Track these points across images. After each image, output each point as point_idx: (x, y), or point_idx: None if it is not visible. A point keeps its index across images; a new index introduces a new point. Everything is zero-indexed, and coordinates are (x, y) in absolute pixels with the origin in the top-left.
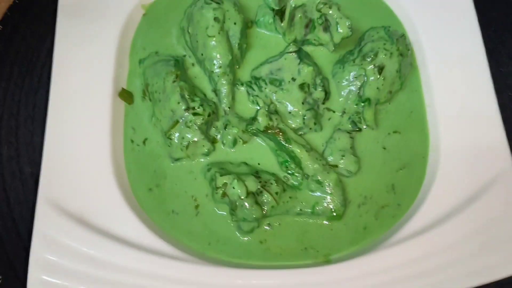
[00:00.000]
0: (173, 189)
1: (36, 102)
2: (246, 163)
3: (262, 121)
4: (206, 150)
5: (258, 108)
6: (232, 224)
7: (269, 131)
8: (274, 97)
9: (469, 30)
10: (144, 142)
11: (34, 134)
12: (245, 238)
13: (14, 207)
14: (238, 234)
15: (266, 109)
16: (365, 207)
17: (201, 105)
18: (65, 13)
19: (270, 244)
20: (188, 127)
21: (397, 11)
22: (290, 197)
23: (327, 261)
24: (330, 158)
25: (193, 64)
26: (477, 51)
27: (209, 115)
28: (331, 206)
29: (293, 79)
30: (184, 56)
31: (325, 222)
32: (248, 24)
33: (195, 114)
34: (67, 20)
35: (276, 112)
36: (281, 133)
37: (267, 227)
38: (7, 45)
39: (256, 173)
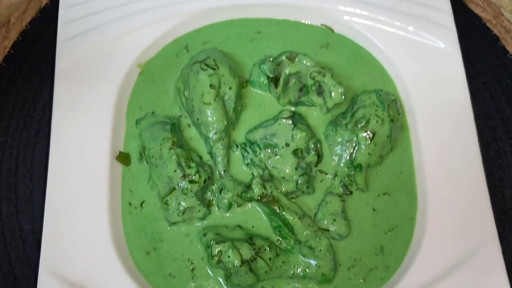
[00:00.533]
0: (170, 252)
1: (34, 157)
2: (240, 226)
3: (256, 191)
4: (202, 215)
5: (253, 175)
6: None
7: (263, 200)
8: (269, 162)
9: (459, 90)
10: (141, 205)
11: (33, 191)
12: None
13: (15, 265)
14: None
15: (260, 176)
16: (354, 270)
17: (197, 171)
18: (63, 76)
19: None
20: (185, 194)
21: (390, 70)
22: (283, 262)
23: None
24: (322, 222)
25: (189, 125)
26: (466, 114)
27: (204, 181)
28: (321, 271)
29: (287, 145)
30: (180, 116)
31: (315, 286)
32: (243, 84)
33: (191, 182)
34: (65, 83)
35: (270, 177)
36: (274, 201)
37: None
38: (3, 99)
39: (250, 239)
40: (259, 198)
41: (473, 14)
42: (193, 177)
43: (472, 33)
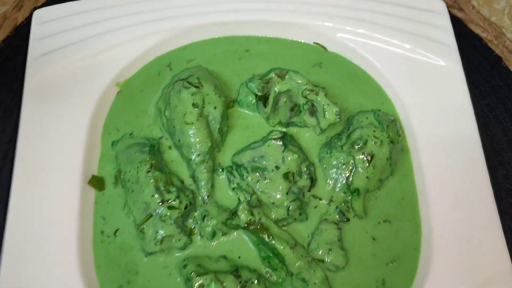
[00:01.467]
0: (146, 286)
1: (0, 181)
2: (225, 257)
3: (243, 217)
4: (182, 244)
5: (239, 200)
6: None
7: (251, 228)
8: (257, 187)
9: (462, 110)
10: (115, 233)
11: None
12: None
13: None
14: None
15: (247, 202)
16: None
17: (178, 197)
18: (32, 93)
19: None
20: (163, 221)
21: (387, 90)
22: None
23: None
24: (316, 252)
25: (170, 147)
26: (472, 135)
27: (185, 207)
28: None
29: (277, 168)
30: (161, 138)
31: None
32: (230, 104)
33: (170, 207)
34: (34, 101)
35: (258, 203)
36: (263, 229)
37: None
38: None
39: (236, 271)
40: (246, 225)
41: (473, 35)
42: (173, 202)
43: (474, 53)
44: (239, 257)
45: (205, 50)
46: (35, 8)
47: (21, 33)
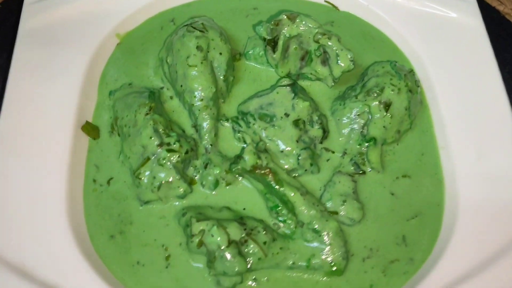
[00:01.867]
0: (140, 237)
1: None
2: (229, 208)
3: (248, 159)
4: (182, 192)
5: (245, 143)
6: (209, 279)
7: (256, 172)
8: (264, 134)
9: (484, 62)
10: (108, 182)
11: None
12: None
13: None
14: None
15: (254, 147)
16: (370, 262)
17: (178, 140)
18: (26, 38)
19: None
20: (161, 165)
21: (403, 47)
22: (280, 248)
23: None
24: (329, 204)
25: (171, 97)
26: (494, 82)
27: (186, 152)
28: (330, 260)
29: (286, 115)
30: (162, 88)
31: (322, 278)
32: (236, 56)
33: (169, 150)
34: (27, 44)
35: (266, 150)
36: (271, 174)
37: (252, 283)
38: None
39: (241, 219)
40: (251, 169)
41: (490, 7)
42: (173, 145)
43: (491, 25)
44: (244, 208)
45: (211, 7)
46: None
47: None
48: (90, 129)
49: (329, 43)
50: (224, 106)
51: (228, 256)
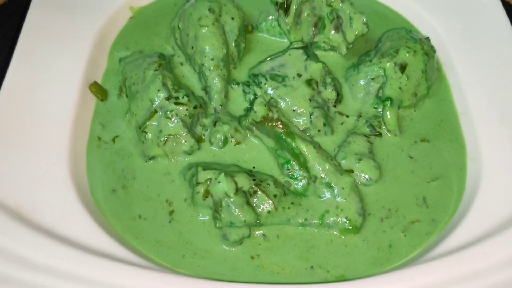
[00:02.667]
0: (143, 191)
1: None
2: (237, 166)
3: (258, 110)
4: (189, 148)
5: (255, 96)
6: (215, 233)
7: (267, 124)
8: (275, 94)
9: (499, 29)
10: (113, 140)
11: None
12: (232, 249)
13: None
14: (223, 245)
15: (265, 99)
16: (389, 222)
17: (187, 95)
18: (40, 1)
19: (264, 260)
20: (168, 118)
21: (417, 23)
22: (292, 203)
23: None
24: (343, 162)
25: (181, 64)
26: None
27: (195, 107)
28: (345, 216)
29: (299, 75)
30: (173, 56)
31: (337, 236)
32: (248, 28)
33: (178, 103)
34: (40, 7)
35: (277, 106)
36: (282, 125)
37: (261, 239)
38: None
39: (250, 171)
40: (262, 120)
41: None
42: (181, 99)
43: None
44: (254, 167)
45: None
46: None
47: None
48: (98, 90)
49: (342, 6)
50: (235, 73)
51: (236, 204)
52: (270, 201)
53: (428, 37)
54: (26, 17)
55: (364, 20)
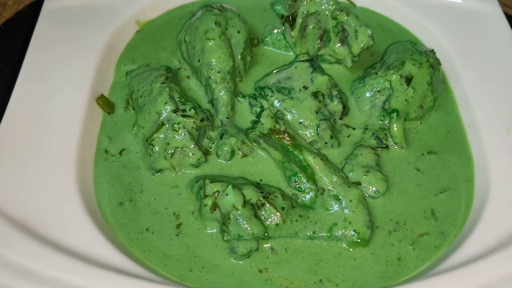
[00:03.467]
0: (151, 205)
1: None
2: (244, 179)
3: (265, 122)
4: (196, 160)
5: (262, 108)
6: (222, 247)
7: (274, 136)
8: (282, 106)
9: (504, 41)
10: (120, 153)
11: None
12: (240, 262)
13: None
14: (231, 259)
15: (272, 112)
16: (397, 235)
17: (194, 108)
18: (47, 16)
19: (273, 274)
20: (175, 130)
21: (422, 37)
22: (300, 216)
23: None
24: (351, 174)
25: (188, 77)
26: None
27: (202, 120)
28: (353, 229)
29: (305, 88)
30: (179, 69)
31: (345, 249)
32: (254, 41)
33: (185, 116)
34: (48, 22)
35: (284, 118)
36: (289, 137)
37: (269, 252)
38: None
39: (257, 184)
40: (269, 132)
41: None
42: (188, 112)
43: None
44: (261, 179)
45: (230, 2)
46: None
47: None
48: (105, 103)
49: (347, 19)
50: (241, 85)
51: (244, 217)
52: (278, 213)
53: (433, 49)
54: (34, 30)
55: (370, 33)
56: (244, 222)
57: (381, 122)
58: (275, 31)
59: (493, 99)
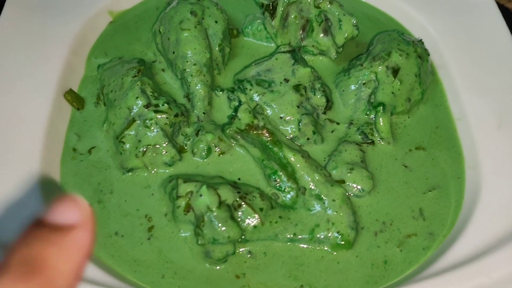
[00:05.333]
0: (121, 206)
1: None
2: (222, 178)
3: (243, 117)
4: (170, 158)
5: (239, 102)
6: (197, 251)
7: (252, 132)
8: (262, 100)
9: (496, 31)
10: (89, 151)
11: None
12: (216, 267)
13: None
14: (206, 264)
15: (250, 106)
16: (383, 236)
17: (167, 103)
18: (14, 4)
19: (251, 280)
20: (147, 126)
21: (410, 26)
22: (280, 217)
23: None
24: (334, 172)
25: (163, 70)
26: (508, 51)
27: (176, 116)
28: (336, 231)
29: (286, 80)
30: (154, 62)
31: (329, 252)
32: (233, 32)
33: (157, 111)
34: (16, 8)
35: (263, 114)
36: (268, 133)
37: (247, 256)
38: None
39: (234, 183)
40: (246, 128)
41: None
42: (161, 107)
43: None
44: (239, 178)
45: None
46: None
47: None
48: (74, 98)
49: (331, 8)
50: (219, 79)
51: (219, 219)
52: (256, 215)
53: (421, 39)
54: (2, 13)
55: (354, 22)
56: (220, 225)
57: (366, 116)
58: (256, 21)
59: (484, 92)
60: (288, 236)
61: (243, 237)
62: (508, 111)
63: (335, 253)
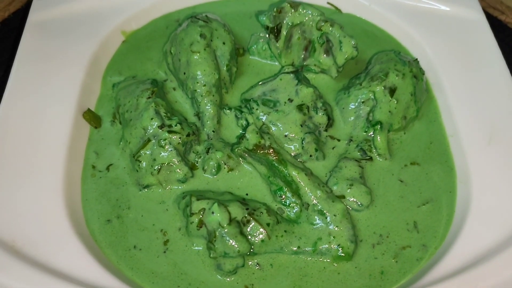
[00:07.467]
0: (138, 221)
1: None
2: (231, 193)
3: (251, 138)
4: (182, 176)
5: (247, 122)
6: (209, 263)
7: (259, 151)
8: (267, 119)
9: (488, 50)
10: (107, 168)
11: None
12: (227, 279)
13: None
14: (217, 275)
15: (257, 127)
16: (381, 248)
17: (179, 123)
18: (33, 28)
19: None
20: (161, 146)
21: (406, 43)
22: (285, 231)
23: None
24: (335, 188)
25: (174, 89)
26: (499, 69)
27: (188, 135)
28: (337, 244)
29: (290, 100)
30: (165, 81)
31: (330, 263)
32: (240, 51)
33: (171, 132)
34: (33, 36)
35: (269, 133)
36: (274, 153)
37: (255, 268)
38: None
39: (243, 200)
40: (254, 148)
41: (491, 17)
42: (174, 127)
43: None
44: (247, 194)
45: (215, 10)
46: None
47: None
48: (92, 117)
49: (332, 30)
50: (227, 97)
51: (229, 235)
52: (263, 230)
53: (416, 59)
54: (19, 44)
55: (354, 43)
56: (230, 240)
57: (365, 133)
58: (261, 40)
59: (476, 109)
60: (293, 248)
61: (251, 250)
62: (497, 128)
63: (336, 264)
